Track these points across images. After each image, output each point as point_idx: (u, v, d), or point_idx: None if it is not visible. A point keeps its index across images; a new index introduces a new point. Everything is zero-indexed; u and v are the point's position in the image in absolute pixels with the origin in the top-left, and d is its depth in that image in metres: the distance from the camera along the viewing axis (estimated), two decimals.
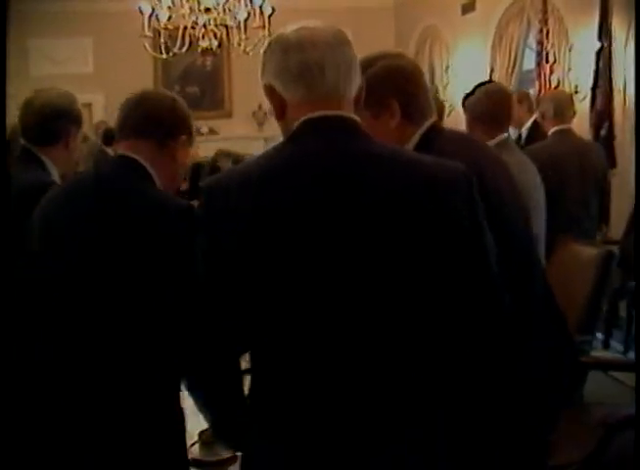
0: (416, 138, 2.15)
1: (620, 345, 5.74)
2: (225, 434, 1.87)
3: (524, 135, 7.27)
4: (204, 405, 1.80)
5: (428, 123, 2.17)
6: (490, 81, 3.83)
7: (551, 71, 7.16)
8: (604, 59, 6.46)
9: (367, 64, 2.13)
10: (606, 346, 5.62)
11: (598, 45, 6.48)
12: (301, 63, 1.65)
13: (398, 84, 2.16)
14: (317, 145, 1.63)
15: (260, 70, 1.73)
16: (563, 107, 4.84)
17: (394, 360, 1.61)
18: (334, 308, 1.57)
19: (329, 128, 1.65)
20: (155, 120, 2.30)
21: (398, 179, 1.59)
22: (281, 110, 1.72)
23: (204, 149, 11.38)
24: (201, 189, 1.72)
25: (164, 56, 7.42)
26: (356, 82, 1.72)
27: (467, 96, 3.59)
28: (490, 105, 3.42)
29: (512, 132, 6.59)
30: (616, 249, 3.66)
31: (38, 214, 2.20)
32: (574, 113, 5.08)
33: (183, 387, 1.96)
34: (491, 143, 3.33)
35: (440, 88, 10.16)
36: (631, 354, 5.51)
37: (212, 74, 11.67)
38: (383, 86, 2.13)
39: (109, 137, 7.91)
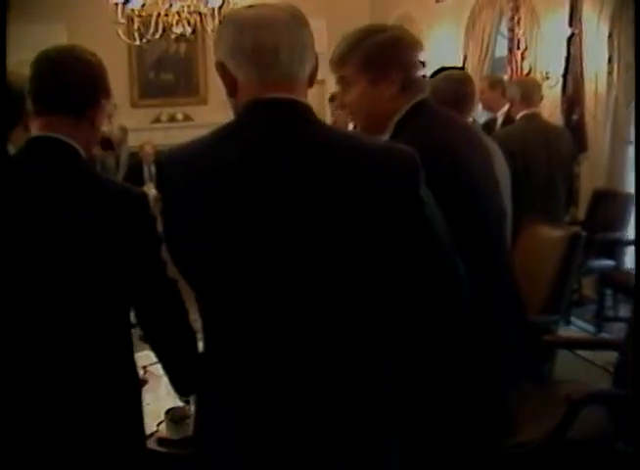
0: (403, 111, 2.19)
1: (586, 323, 5.81)
2: (180, 386, 2.09)
3: (499, 120, 7.37)
4: (159, 356, 2.07)
5: (418, 98, 2.21)
6: (452, 68, 3.83)
7: (522, 58, 7.22)
8: (575, 45, 6.51)
9: (371, 32, 2.21)
10: (567, 323, 5.66)
11: (569, 31, 6.52)
12: (256, 43, 1.64)
13: (401, 56, 2.20)
14: (266, 132, 1.66)
15: (214, 46, 1.74)
16: (530, 92, 4.91)
17: (341, 329, 1.64)
18: (282, 284, 1.60)
19: (279, 113, 1.67)
20: (72, 93, 2.09)
21: (345, 167, 1.60)
22: (233, 88, 1.75)
23: (179, 135, 11.39)
24: (155, 162, 1.81)
25: (138, 43, 7.39)
26: (311, 64, 1.73)
27: (430, 77, 3.60)
28: (450, 90, 3.43)
29: (487, 117, 6.65)
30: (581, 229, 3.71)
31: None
32: (542, 97, 5.15)
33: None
34: None
35: None
36: (603, 335, 5.59)
37: (187, 61, 11.61)
38: (386, 55, 2.17)
39: None
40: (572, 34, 6.50)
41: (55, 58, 2.12)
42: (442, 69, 3.59)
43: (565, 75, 6.60)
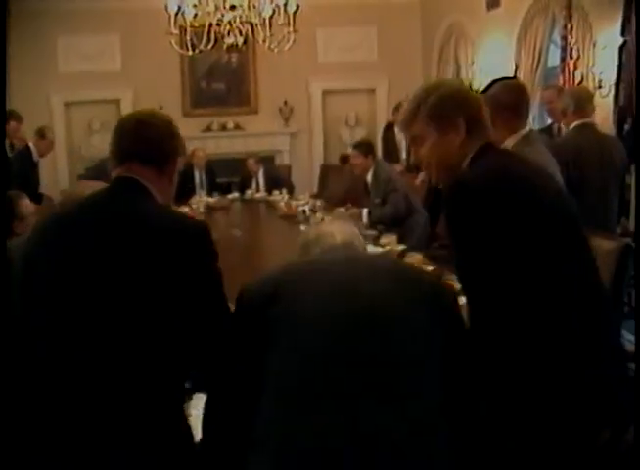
0: (471, 154, 2.33)
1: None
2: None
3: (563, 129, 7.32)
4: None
5: (481, 143, 2.35)
6: (506, 78, 3.84)
7: (575, 67, 7.17)
8: (627, 54, 6.43)
9: (429, 90, 2.41)
10: None
11: (621, 40, 6.47)
12: None
13: (461, 103, 2.37)
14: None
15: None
16: (583, 101, 4.88)
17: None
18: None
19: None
20: (155, 148, 2.30)
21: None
22: None
23: (229, 144, 11.53)
24: None
25: (190, 53, 7.50)
26: None
27: (484, 91, 3.61)
28: (511, 97, 3.45)
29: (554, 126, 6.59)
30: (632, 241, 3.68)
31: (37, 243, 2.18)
32: (594, 107, 5.11)
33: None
34: (514, 137, 3.37)
35: (466, 83, 10.19)
36: None
37: (238, 71, 11.76)
38: (448, 106, 2.35)
39: None
40: (625, 43, 6.44)
41: (140, 118, 2.35)
42: (495, 81, 3.60)
43: (617, 85, 6.54)
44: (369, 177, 6.73)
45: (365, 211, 6.49)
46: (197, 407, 2.72)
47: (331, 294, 2.01)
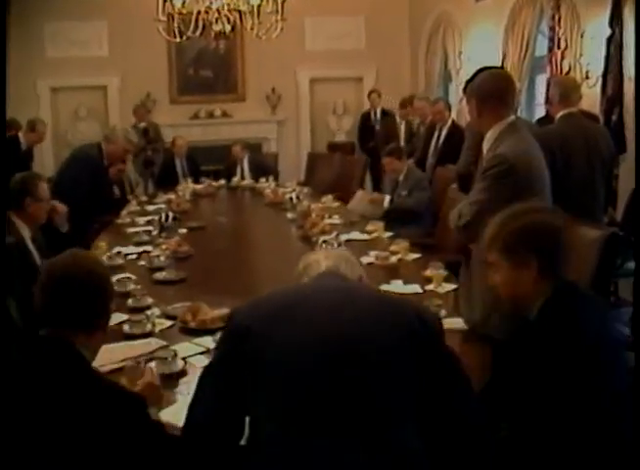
0: (544, 297, 2.32)
1: (622, 326, 5.74)
2: None
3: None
4: None
5: (557, 283, 2.33)
6: (491, 67, 3.83)
7: (562, 57, 7.17)
8: (615, 45, 6.44)
9: (512, 217, 2.39)
10: None
11: (609, 31, 6.47)
12: None
13: (539, 241, 2.34)
14: None
15: None
16: (568, 91, 4.86)
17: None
18: None
19: None
20: (79, 311, 2.14)
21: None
22: None
23: (216, 132, 11.47)
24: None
25: (178, 40, 7.44)
26: None
27: (469, 81, 3.60)
28: (496, 85, 3.43)
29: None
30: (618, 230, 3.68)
31: None
32: (581, 97, 5.09)
33: None
34: (500, 125, 3.36)
35: (453, 73, 10.20)
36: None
37: (225, 58, 11.71)
38: (525, 242, 2.34)
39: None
40: (613, 34, 6.44)
41: (60, 275, 2.15)
42: (480, 70, 3.59)
43: (604, 75, 6.54)
44: (401, 177, 6.79)
45: (387, 197, 6.56)
46: (182, 392, 2.72)
47: (309, 322, 2.00)
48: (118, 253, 4.92)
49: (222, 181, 9.19)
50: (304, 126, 12.24)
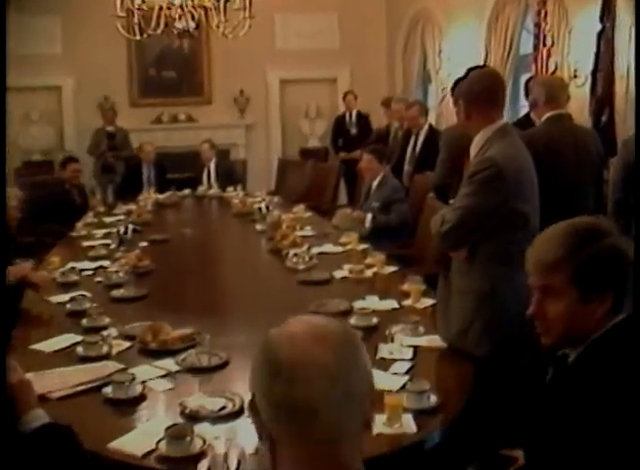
0: (603, 330, 2.11)
1: None
2: None
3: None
4: None
5: (620, 317, 2.12)
6: (479, 66, 3.83)
7: (548, 55, 7.21)
8: (605, 41, 6.43)
9: (589, 238, 2.10)
10: None
11: (599, 27, 6.45)
12: (287, 398, 1.42)
13: (620, 275, 2.10)
14: None
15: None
16: (555, 91, 4.85)
17: None
18: None
19: None
20: None
21: None
22: None
23: (180, 137, 11.44)
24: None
25: (138, 37, 7.40)
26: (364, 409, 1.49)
27: (457, 81, 3.59)
28: (484, 85, 3.43)
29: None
30: None
31: None
32: (568, 98, 5.10)
33: None
34: (489, 129, 3.36)
35: (433, 73, 10.25)
36: None
37: (190, 58, 11.69)
38: (605, 273, 2.08)
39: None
40: (603, 29, 6.43)
41: None
42: (472, 69, 3.58)
43: (594, 73, 6.54)
44: (375, 183, 6.76)
45: (369, 216, 6.50)
46: (141, 419, 2.69)
47: None
48: (73, 268, 4.88)
49: (187, 190, 9.16)
50: (275, 131, 12.24)
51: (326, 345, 1.44)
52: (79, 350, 3.36)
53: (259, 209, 7.12)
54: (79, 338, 3.48)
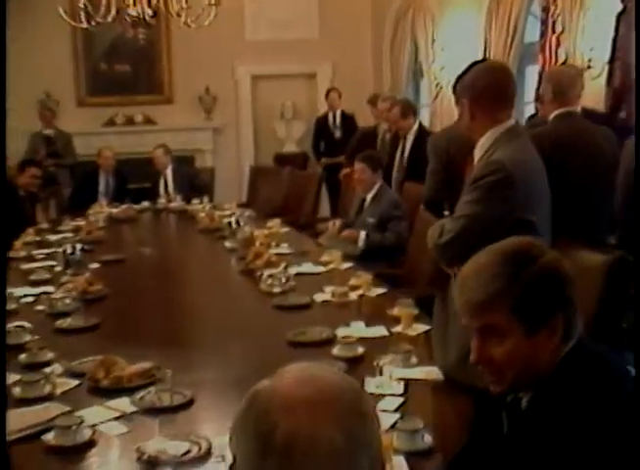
0: (557, 361, 2.08)
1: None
2: None
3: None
4: None
5: (571, 343, 2.10)
6: (484, 59, 3.86)
7: (558, 44, 7.20)
8: (626, 24, 6.24)
9: (522, 258, 2.08)
10: None
11: (620, 7, 6.30)
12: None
13: (562, 292, 2.08)
14: None
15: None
16: (564, 86, 4.84)
17: None
18: None
19: None
20: None
21: None
22: None
23: (137, 142, 11.40)
24: None
25: (85, 25, 7.37)
26: None
27: (459, 78, 3.60)
28: (489, 81, 3.43)
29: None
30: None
31: None
32: (580, 92, 5.08)
33: None
34: (496, 129, 3.37)
35: (425, 66, 10.27)
36: None
37: (147, 51, 11.68)
38: (545, 296, 2.05)
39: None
40: (624, 9, 6.27)
41: None
42: (473, 65, 3.59)
43: (611, 63, 6.43)
44: (370, 196, 6.76)
45: (363, 234, 6.48)
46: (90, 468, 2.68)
47: None
48: (10, 295, 4.83)
49: (146, 203, 9.15)
50: (246, 134, 12.29)
51: (331, 415, 1.35)
52: (16, 390, 3.31)
53: (229, 223, 7.10)
54: (17, 377, 3.42)
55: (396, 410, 3.01)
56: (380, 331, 3.98)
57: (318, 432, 1.32)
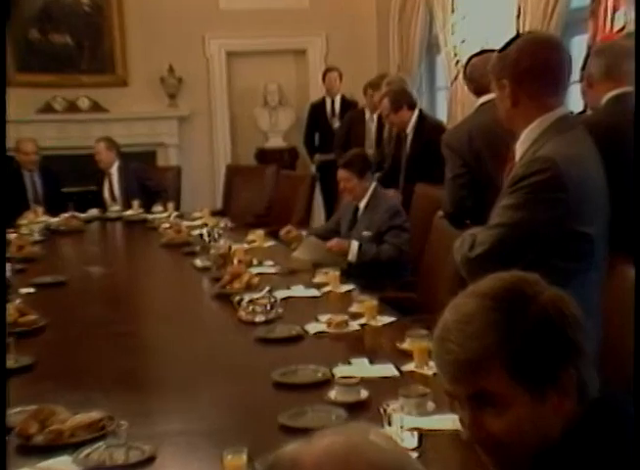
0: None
1: None
2: None
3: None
4: None
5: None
6: (529, 33, 3.84)
7: (615, 8, 7.18)
8: None
9: (513, 311, 2.00)
10: None
11: None
12: None
13: (571, 338, 2.02)
14: None
15: None
16: (619, 61, 4.81)
17: None
18: None
19: None
20: None
21: None
22: None
23: (82, 134, 11.36)
24: None
25: None
26: None
27: (472, 57, 3.61)
28: (536, 60, 3.42)
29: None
30: None
31: None
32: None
33: None
34: (544, 119, 3.36)
35: (442, 39, 10.22)
36: None
37: (93, 18, 11.61)
38: (551, 346, 2.00)
39: None
40: None
41: None
42: (514, 39, 3.59)
43: None
44: (362, 203, 6.76)
45: (355, 244, 6.48)
46: None
47: None
48: None
49: (94, 210, 9.14)
50: (221, 125, 12.32)
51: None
52: None
53: (200, 236, 7.13)
54: None
55: None
56: (387, 370, 3.98)
57: None
